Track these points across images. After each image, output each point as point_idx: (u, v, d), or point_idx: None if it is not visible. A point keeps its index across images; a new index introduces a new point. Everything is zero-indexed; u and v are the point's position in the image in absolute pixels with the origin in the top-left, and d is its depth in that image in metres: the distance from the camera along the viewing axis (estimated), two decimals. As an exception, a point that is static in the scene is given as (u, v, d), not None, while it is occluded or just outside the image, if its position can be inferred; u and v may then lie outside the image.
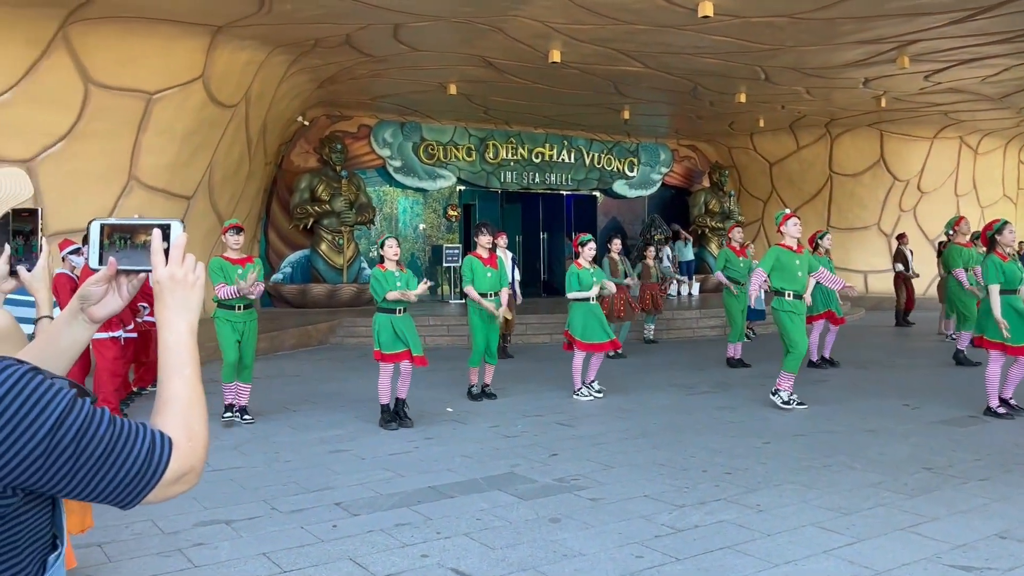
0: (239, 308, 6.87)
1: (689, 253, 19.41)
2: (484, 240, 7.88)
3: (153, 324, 8.27)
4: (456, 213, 18.50)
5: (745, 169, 21.45)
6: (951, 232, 11.28)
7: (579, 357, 8.00)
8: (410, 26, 10.83)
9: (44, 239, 1.90)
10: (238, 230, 6.99)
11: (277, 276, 15.80)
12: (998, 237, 6.85)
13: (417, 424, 6.86)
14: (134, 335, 7.72)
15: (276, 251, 16.01)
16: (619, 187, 20.24)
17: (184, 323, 1.28)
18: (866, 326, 15.09)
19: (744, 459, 5.64)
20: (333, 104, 16.04)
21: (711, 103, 16.11)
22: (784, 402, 7.37)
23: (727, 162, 21.45)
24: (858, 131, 19.20)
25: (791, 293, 7.37)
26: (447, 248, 17.03)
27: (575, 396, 7.98)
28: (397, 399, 6.86)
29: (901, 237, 15.31)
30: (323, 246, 15.75)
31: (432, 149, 17.69)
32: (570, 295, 7.98)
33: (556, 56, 11.81)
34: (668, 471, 5.33)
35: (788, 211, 8.00)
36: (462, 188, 18.63)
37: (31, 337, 2.01)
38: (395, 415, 6.82)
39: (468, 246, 18.80)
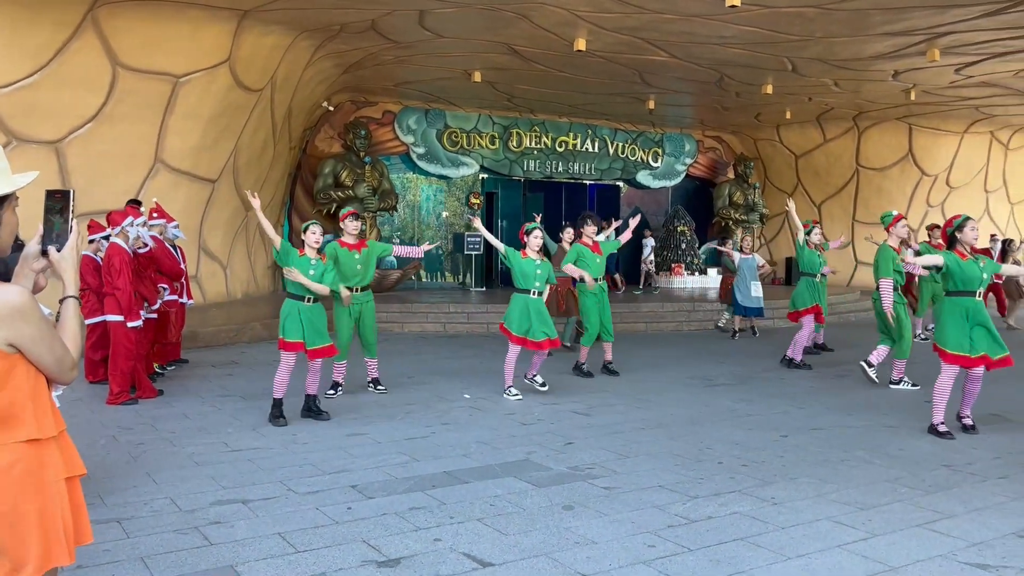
0: (356, 290, 7.22)
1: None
2: (590, 230, 8.62)
3: (172, 304, 8.36)
4: (479, 201, 18.50)
5: (770, 161, 21.27)
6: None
7: (513, 352, 7.44)
8: (436, 12, 10.82)
9: (75, 220, 1.93)
10: (356, 216, 7.38)
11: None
12: (958, 235, 6.21)
13: (434, 410, 6.90)
14: (155, 316, 7.82)
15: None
16: (643, 177, 20.15)
17: None
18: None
19: (761, 452, 5.61)
20: (358, 90, 16.08)
21: (737, 94, 15.97)
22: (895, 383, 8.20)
23: (752, 154, 21.28)
24: (886, 124, 18.95)
25: (898, 287, 8.08)
26: (469, 236, 17.05)
27: (505, 396, 7.41)
28: (307, 395, 6.47)
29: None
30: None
31: (456, 136, 17.69)
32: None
33: (581, 44, 11.76)
34: (683, 462, 5.33)
35: (896, 212, 8.22)
36: (485, 176, 18.63)
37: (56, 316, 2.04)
38: (306, 409, 6.45)
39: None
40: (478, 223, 8.02)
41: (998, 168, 19.90)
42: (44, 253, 1.92)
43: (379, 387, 7.66)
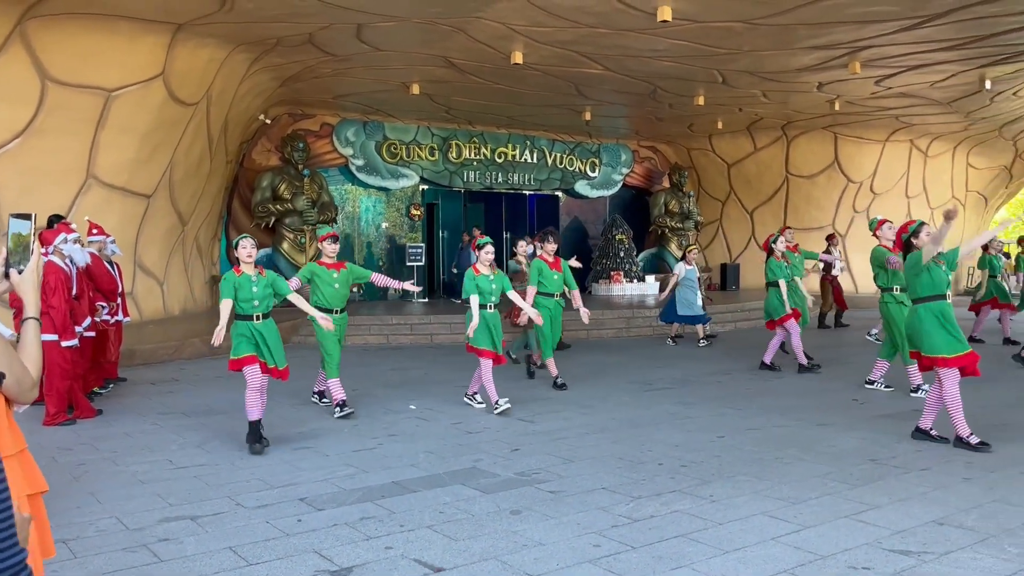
0: (335, 311, 7.21)
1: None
2: (549, 247, 8.72)
3: (109, 324, 8.23)
4: (419, 212, 18.56)
5: (704, 170, 21.81)
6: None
7: (487, 366, 7.35)
8: (374, 26, 10.89)
9: (36, 243, 1.98)
10: (335, 239, 7.36)
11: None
12: (914, 240, 6.23)
13: (380, 421, 6.95)
14: (92, 334, 7.69)
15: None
16: (581, 187, 20.47)
17: None
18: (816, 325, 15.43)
19: (699, 453, 5.82)
20: (295, 102, 16.01)
21: (670, 105, 16.38)
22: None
23: (686, 163, 21.80)
24: (813, 134, 19.65)
25: (898, 288, 7.98)
26: (410, 247, 17.09)
27: (495, 412, 7.23)
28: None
29: (831, 238, 14.88)
30: (285, 245, 15.73)
31: (395, 148, 17.73)
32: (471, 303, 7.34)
33: (518, 58, 11.96)
34: (626, 464, 5.50)
35: (881, 217, 8.37)
36: (425, 187, 18.70)
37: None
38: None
39: (431, 245, 18.89)
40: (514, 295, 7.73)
41: (918, 174, 20.78)
42: (6, 275, 1.96)
43: (324, 400, 7.67)
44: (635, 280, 19.50)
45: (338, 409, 7.10)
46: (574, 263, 9.59)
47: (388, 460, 5.65)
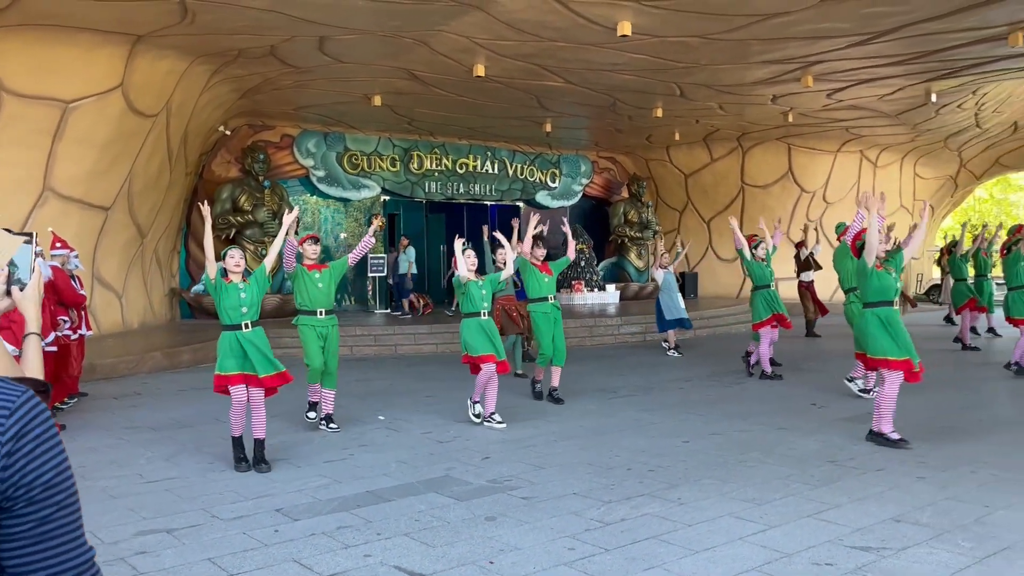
0: (321, 313, 7.05)
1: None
2: (539, 253, 8.75)
3: (71, 339, 8.13)
4: (381, 223, 18.52)
5: (662, 180, 22.15)
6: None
7: (484, 374, 7.17)
8: (336, 39, 10.92)
9: (39, 261, 2.03)
10: (316, 240, 7.27)
11: (198, 287, 15.56)
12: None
13: (350, 432, 6.98)
14: (54, 349, 7.60)
15: (197, 262, 15.76)
16: (541, 197, 20.64)
17: None
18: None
19: (665, 457, 5.97)
20: (255, 114, 15.93)
21: (629, 117, 16.65)
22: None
23: (644, 174, 22.12)
24: (767, 145, 20.10)
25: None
26: (372, 258, 17.08)
27: (488, 424, 7.24)
28: (255, 440, 5.80)
29: (800, 244, 15.03)
30: (246, 256, 15.59)
31: (356, 159, 17.72)
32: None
33: (480, 70, 12.08)
34: (595, 470, 5.62)
35: (848, 223, 8.52)
36: (386, 198, 18.70)
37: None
38: (253, 460, 5.77)
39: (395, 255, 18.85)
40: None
41: (868, 184, 21.34)
42: (7, 293, 2.01)
43: (331, 425, 7.11)
44: (596, 289, 19.71)
45: (313, 415, 7.17)
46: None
47: (360, 470, 5.69)
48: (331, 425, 7.13)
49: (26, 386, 1.15)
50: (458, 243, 7.57)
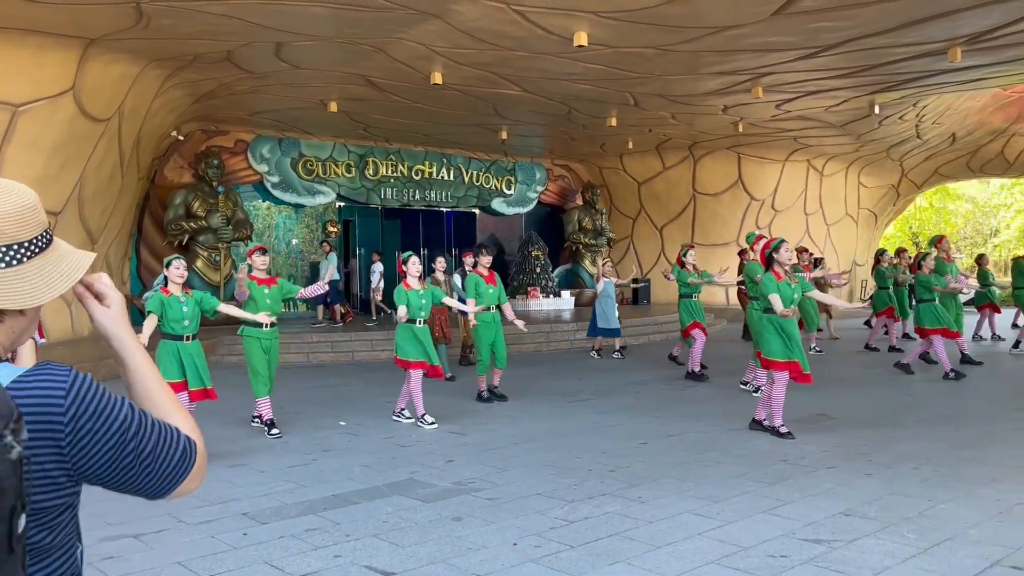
0: (266, 326, 7.12)
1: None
2: (485, 260, 8.82)
3: None
4: (336, 229, 18.51)
5: (615, 188, 22.47)
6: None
7: (416, 379, 7.42)
8: (294, 45, 10.92)
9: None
10: (263, 251, 7.33)
11: (150, 294, 15.33)
12: (775, 255, 6.85)
13: (312, 438, 7.00)
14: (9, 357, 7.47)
15: (149, 269, 15.55)
16: (497, 204, 20.78)
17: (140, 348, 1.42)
18: (729, 337, 16.15)
19: (625, 458, 6.12)
20: (209, 119, 15.78)
21: (584, 126, 16.89)
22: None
23: (599, 181, 22.41)
24: (718, 154, 20.53)
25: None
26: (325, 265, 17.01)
27: (419, 424, 7.43)
28: None
29: (743, 253, 15.70)
30: (199, 263, 15.43)
31: (311, 165, 17.65)
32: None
33: (437, 78, 12.17)
34: (557, 471, 5.74)
35: (759, 232, 8.91)
36: (341, 204, 18.66)
37: None
38: None
39: (348, 261, 18.83)
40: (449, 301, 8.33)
41: (815, 192, 21.94)
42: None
43: (273, 431, 7.14)
44: (551, 295, 19.91)
45: (266, 429, 7.13)
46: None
47: (325, 475, 5.73)
48: (273, 431, 7.21)
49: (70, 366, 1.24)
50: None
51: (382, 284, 16.88)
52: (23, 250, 1.24)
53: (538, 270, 20.08)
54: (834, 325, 16.00)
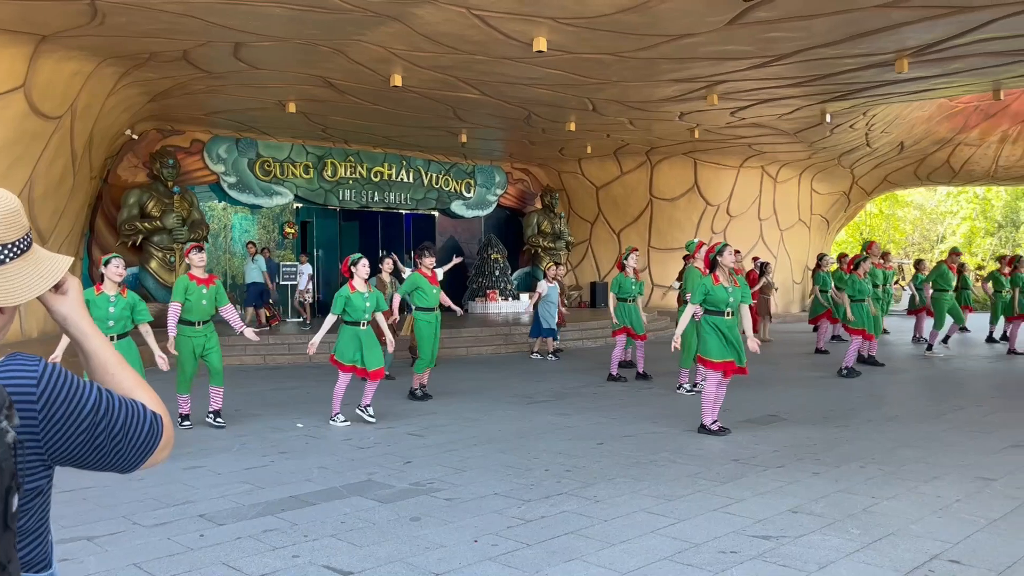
0: (198, 324, 7.28)
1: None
2: (428, 262, 8.94)
3: None
4: (293, 230, 18.38)
5: (574, 192, 22.65)
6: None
7: (342, 381, 7.61)
8: (252, 45, 10.85)
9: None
10: (200, 248, 7.39)
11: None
12: (719, 259, 7.04)
13: (269, 440, 6.98)
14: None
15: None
16: (457, 207, 20.82)
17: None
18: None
19: (581, 458, 6.22)
20: (165, 118, 15.57)
21: (543, 130, 17.02)
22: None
23: (557, 185, 22.58)
24: (675, 159, 20.83)
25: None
26: (285, 266, 16.90)
27: (331, 422, 7.60)
28: None
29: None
30: (153, 264, 15.23)
31: (268, 166, 17.51)
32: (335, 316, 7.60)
33: (397, 80, 12.18)
34: (515, 472, 5.82)
35: (699, 240, 9.16)
36: (299, 206, 18.53)
37: None
38: None
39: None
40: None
41: (769, 198, 22.37)
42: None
43: (218, 420, 7.58)
44: (510, 298, 20.00)
45: (180, 420, 7.39)
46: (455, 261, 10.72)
47: (282, 476, 5.73)
48: (218, 420, 7.58)
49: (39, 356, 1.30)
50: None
51: (311, 286, 16.62)
52: (7, 251, 1.30)
53: (497, 273, 20.16)
54: (769, 328, 16.49)
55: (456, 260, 13.92)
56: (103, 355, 1.42)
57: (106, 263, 6.44)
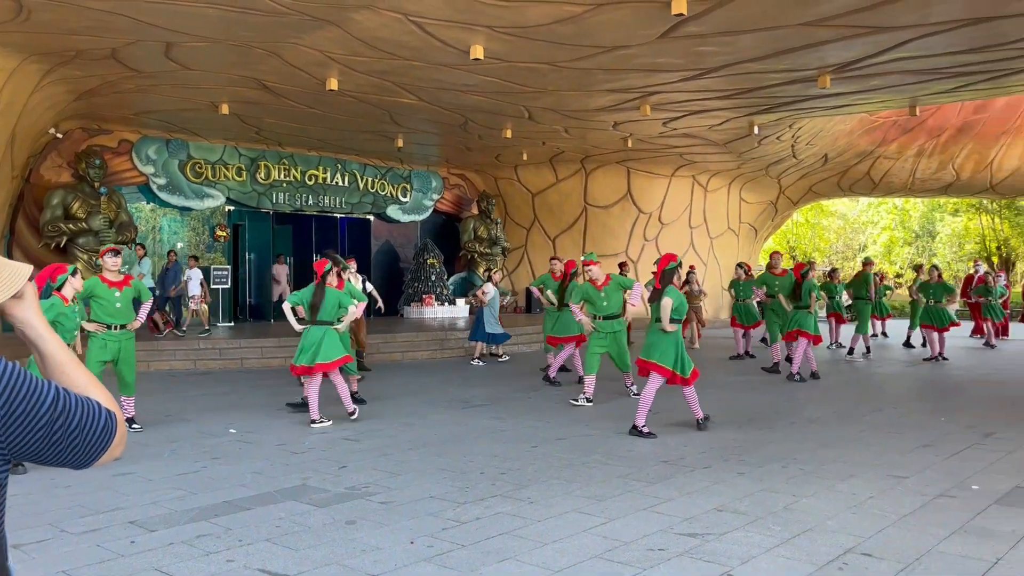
0: (115, 328, 7.13)
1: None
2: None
3: None
4: (225, 233, 18.08)
5: (510, 198, 22.82)
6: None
7: (314, 387, 7.80)
8: (184, 45, 10.69)
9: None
10: (116, 252, 7.24)
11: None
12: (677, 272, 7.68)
13: (201, 446, 6.90)
14: None
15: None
16: (393, 212, 20.76)
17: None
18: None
19: (516, 461, 6.33)
20: (91, 117, 15.17)
21: (480, 136, 17.13)
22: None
23: (494, 191, 22.71)
24: (609, 167, 21.18)
25: (600, 316, 9.23)
26: (216, 269, 16.62)
27: (312, 426, 7.72)
28: None
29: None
30: (79, 266, 14.77)
31: (200, 168, 17.20)
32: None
33: (333, 84, 12.13)
34: (450, 475, 5.89)
35: (591, 259, 9.40)
36: (231, 208, 18.25)
37: None
38: None
39: (237, 266, 18.41)
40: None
41: (700, 207, 22.92)
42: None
43: (134, 425, 7.50)
44: (446, 303, 20.03)
45: None
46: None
47: (215, 481, 5.69)
48: (134, 426, 7.48)
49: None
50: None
51: (198, 292, 16.07)
52: None
53: (433, 278, 20.17)
54: (701, 331, 17.02)
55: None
56: (59, 356, 1.47)
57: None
